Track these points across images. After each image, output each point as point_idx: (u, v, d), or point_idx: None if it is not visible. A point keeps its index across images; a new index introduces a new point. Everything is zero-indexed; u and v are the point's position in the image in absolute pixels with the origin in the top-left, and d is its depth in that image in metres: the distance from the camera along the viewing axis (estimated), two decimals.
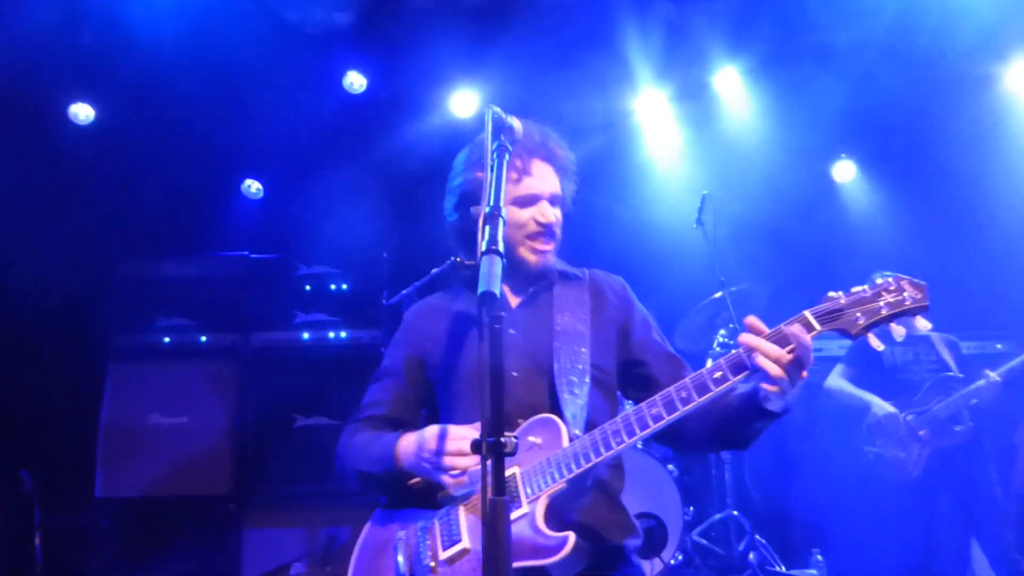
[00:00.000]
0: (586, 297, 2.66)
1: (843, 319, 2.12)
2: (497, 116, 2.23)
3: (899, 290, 2.11)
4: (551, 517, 2.23)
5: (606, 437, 2.22)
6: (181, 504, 5.33)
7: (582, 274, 2.75)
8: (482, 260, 1.86)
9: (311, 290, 5.69)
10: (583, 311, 2.61)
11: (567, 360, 2.47)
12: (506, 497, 1.74)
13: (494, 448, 1.74)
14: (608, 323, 2.64)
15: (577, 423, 2.35)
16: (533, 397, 2.44)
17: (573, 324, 2.56)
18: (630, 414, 2.24)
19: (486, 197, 2.04)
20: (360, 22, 6.14)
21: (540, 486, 2.24)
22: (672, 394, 2.20)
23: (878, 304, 2.11)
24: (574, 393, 2.42)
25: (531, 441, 2.31)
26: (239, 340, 5.63)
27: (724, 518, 5.74)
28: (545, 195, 2.59)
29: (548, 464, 2.25)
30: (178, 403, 5.47)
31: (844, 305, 2.13)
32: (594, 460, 2.21)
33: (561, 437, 2.29)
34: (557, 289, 2.67)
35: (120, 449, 5.36)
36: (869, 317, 2.10)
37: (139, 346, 5.60)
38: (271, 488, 5.39)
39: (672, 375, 2.54)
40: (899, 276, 2.14)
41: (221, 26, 5.68)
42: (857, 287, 2.15)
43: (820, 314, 2.13)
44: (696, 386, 2.17)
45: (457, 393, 2.55)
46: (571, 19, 5.99)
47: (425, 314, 2.78)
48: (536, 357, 2.50)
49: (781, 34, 6.17)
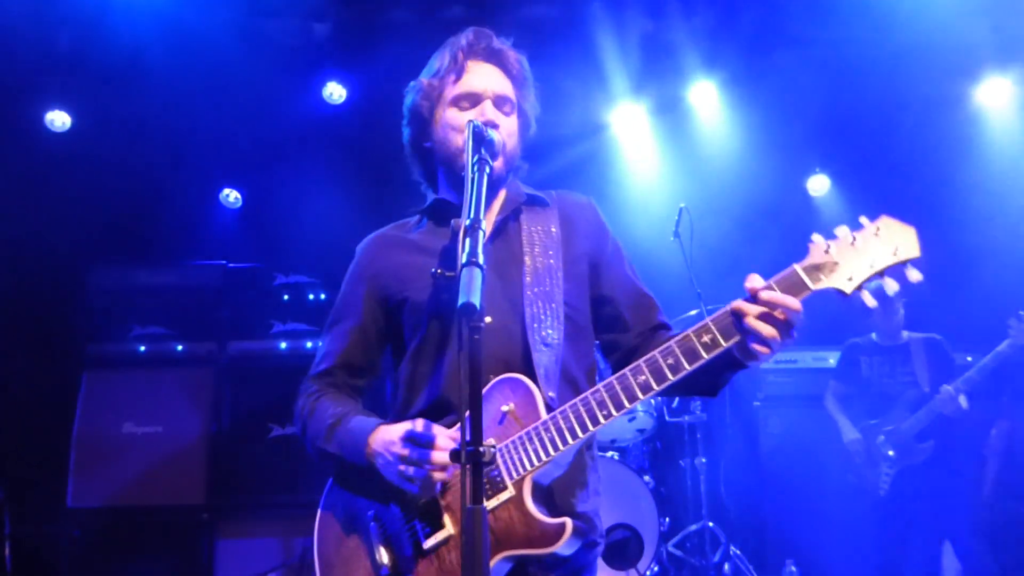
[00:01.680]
0: (555, 226, 2.46)
1: (834, 277, 2.00)
2: (478, 129, 2.18)
3: (887, 238, 1.99)
4: (538, 498, 2.12)
5: (591, 409, 2.08)
6: (154, 514, 5.29)
7: (549, 199, 2.54)
8: (462, 272, 1.79)
9: (289, 299, 5.68)
10: (553, 244, 2.41)
11: (540, 306, 2.29)
12: (483, 506, 1.70)
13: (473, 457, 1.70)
14: (580, 256, 2.44)
15: (551, 381, 2.20)
16: (505, 350, 2.25)
17: (544, 261, 2.37)
18: (614, 383, 2.08)
19: (466, 210, 1.95)
20: (339, 33, 6.17)
21: (524, 465, 2.09)
22: (659, 361, 2.06)
23: (867, 257, 1.99)
24: (549, 344, 2.25)
25: (503, 411, 2.15)
26: (215, 349, 5.60)
27: (699, 529, 5.76)
28: (488, 94, 2.41)
29: (530, 440, 2.10)
30: (152, 412, 5.43)
31: (831, 258, 2.00)
32: (581, 437, 2.08)
33: (536, 404, 2.14)
34: (524, 218, 2.46)
35: (93, 458, 5.32)
36: (860, 274, 1.98)
37: (114, 355, 5.56)
38: (245, 498, 5.37)
39: (643, 316, 2.45)
40: (887, 220, 2.02)
41: (200, 35, 5.68)
42: (841, 230, 2.02)
43: (810, 269, 2.01)
44: (685, 352, 2.04)
45: (425, 334, 2.36)
46: (549, 32, 6.05)
47: (381, 246, 2.55)
48: (510, 298, 2.30)
49: (756, 49, 6.26)
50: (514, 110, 2.48)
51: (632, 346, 2.44)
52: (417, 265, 2.41)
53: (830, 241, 2.03)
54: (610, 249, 2.51)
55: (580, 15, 6.04)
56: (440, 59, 2.50)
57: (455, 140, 2.40)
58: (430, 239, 2.47)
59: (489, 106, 2.40)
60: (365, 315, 2.48)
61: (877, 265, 1.98)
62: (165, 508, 5.30)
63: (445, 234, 2.44)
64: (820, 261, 2.01)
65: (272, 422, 5.42)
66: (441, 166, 2.51)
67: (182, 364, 5.59)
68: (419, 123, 2.52)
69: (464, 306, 1.72)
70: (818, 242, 2.04)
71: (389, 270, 2.47)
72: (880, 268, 1.98)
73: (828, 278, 2.00)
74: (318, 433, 2.36)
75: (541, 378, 2.18)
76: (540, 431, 2.10)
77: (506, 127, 2.41)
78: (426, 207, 2.56)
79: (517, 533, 2.07)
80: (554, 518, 2.08)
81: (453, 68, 2.44)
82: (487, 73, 2.45)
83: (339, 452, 2.30)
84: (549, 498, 2.20)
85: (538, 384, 2.18)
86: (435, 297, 2.35)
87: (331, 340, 2.52)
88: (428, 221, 2.54)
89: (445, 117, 2.44)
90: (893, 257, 1.98)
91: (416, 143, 2.55)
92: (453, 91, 2.43)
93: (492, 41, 2.49)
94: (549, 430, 2.10)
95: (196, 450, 5.39)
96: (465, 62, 2.45)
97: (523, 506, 2.08)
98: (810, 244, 2.04)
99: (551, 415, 2.12)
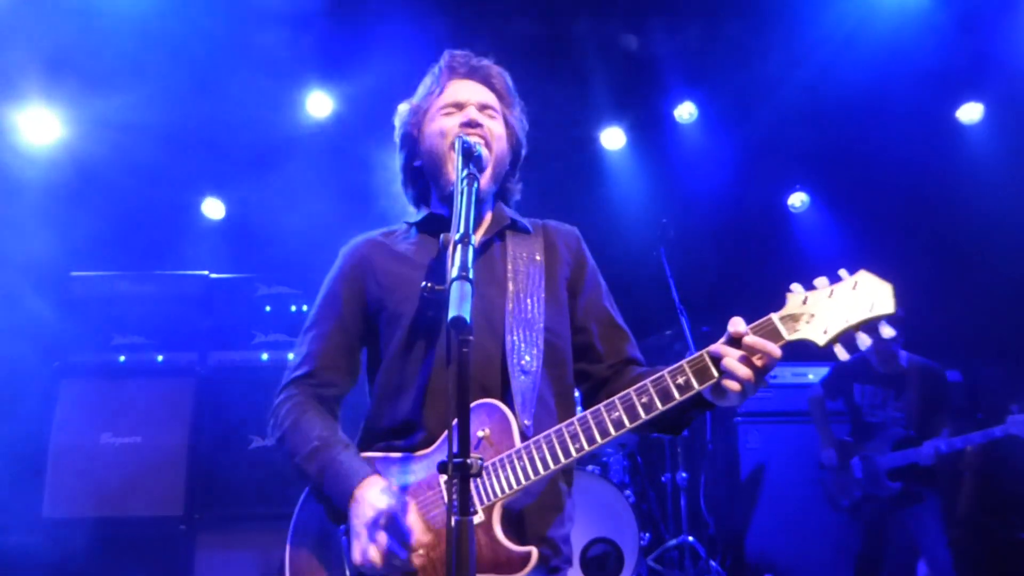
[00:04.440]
0: (539, 253, 2.47)
1: (809, 329, 2.02)
2: (466, 144, 2.19)
3: (864, 293, 2.00)
4: (507, 524, 2.14)
5: (564, 441, 2.10)
6: (131, 525, 5.21)
7: (535, 227, 2.56)
8: (452, 285, 1.78)
9: (271, 310, 5.66)
10: (537, 270, 2.42)
11: (520, 331, 2.30)
12: (471, 517, 1.71)
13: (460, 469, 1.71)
14: (560, 282, 2.47)
15: (527, 408, 2.21)
16: (483, 373, 2.26)
17: (527, 286, 2.38)
18: (588, 417, 2.11)
19: (455, 223, 1.94)
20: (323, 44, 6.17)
21: (495, 491, 2.10)
22: (634, 399, 2.08)
23: (843, 311, 2.00)
24: (527, 371, 2.26)
25: (479, 436, 2.16)
26: (196, 360, 5.56)
27: (679, 543, 5.79)
28: (471, 102, 2.45)
29: (503, 467, 2.11)
30: (131, 423, 5.37)
31: (808, 310, 2.03)
32: (552, 468, 2.10)
33: (512, 431, 2.16)
34: (509, 242, 2.47)
35: (70, 468, 5.25)
36: (835, 327, 2.00)
37: (93, 364, 5.50)
38: (225, 510, 5.30)
39: (615, 349, 2.47)
40: (865, 275, 2.03)
41: (185, 44, 5.67)
42: (820, 281, 2.04)
43: (787, 319, 2.04)
44: (659, 392, 2.06)
45: (404, 342, 2.34)
46: (533, 48, 6.10)
47: (367, 250, 2.53)
48: (490, 320, 2.31)
49: (738, 68, 6.34)
50: (499, 116, 2.51)
51: (603, 377, 2.47)
52: (401, 275, 2.42)
53: (808, 292, 2.06)
54: (589, 278, 2.54)
55: (564, 32, 6.09)
56: (423, 85, 2.56)
57: (441, 145, 2.42)
58: (417, 251, 2.48)
59: (473, 109, 2.44)
60: (346, 317, 2.47)
61: (852, 320, 2.00)
62: (143, 519, 5.22)
63: (433, 247, 2.45)
64: (797, 312, 2.05)
65: (252, 433, 5.38)
66: (431, 180, 2.53)
67: (162, 374, 5.53)
68: (409, 144, 2.56)
69: (455, 320, 1.72)
70: (797, 291, 2.07)
71: (372, 275, 2.47)
72: (855, 323, 2.00)
73: (803, 330, 2.03)
74: (298, 450, 2.33)
75: (517, 405, 2.21)
76: (513, 459, 2.12)
77: (493, 129, 2.44)
78: (417, 219, 2.56)
79: (484, 558, 2.09)
80: (521, 546, 2.11)
81: (436, 87, 2.49)
82: (470, 86, 2.50)
83: (318, 480, 2.27)
84: (519, 523, 2.21)
85: (514, 411, 2.19)
86: (420, 311, 2.34)
87: (311, 341, 2.49)
88: (418, 233, 2.54)
89: (431, 127, 2.48)
90: (869, 313, 1.99)
91: (408, 165, 2.59)
92: (438, 103, 2.47)
93: (472, 59, 2.54)
94: (522, 459, 2.11)
95: (175, 461, 5.34)
96: (447, 81, 2.50)
97: (491, 532, 2.10)
98: (788, 294, 2.07)
99: (525, 444, 2.14)
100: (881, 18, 5.90)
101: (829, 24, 5.96)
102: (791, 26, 6.04)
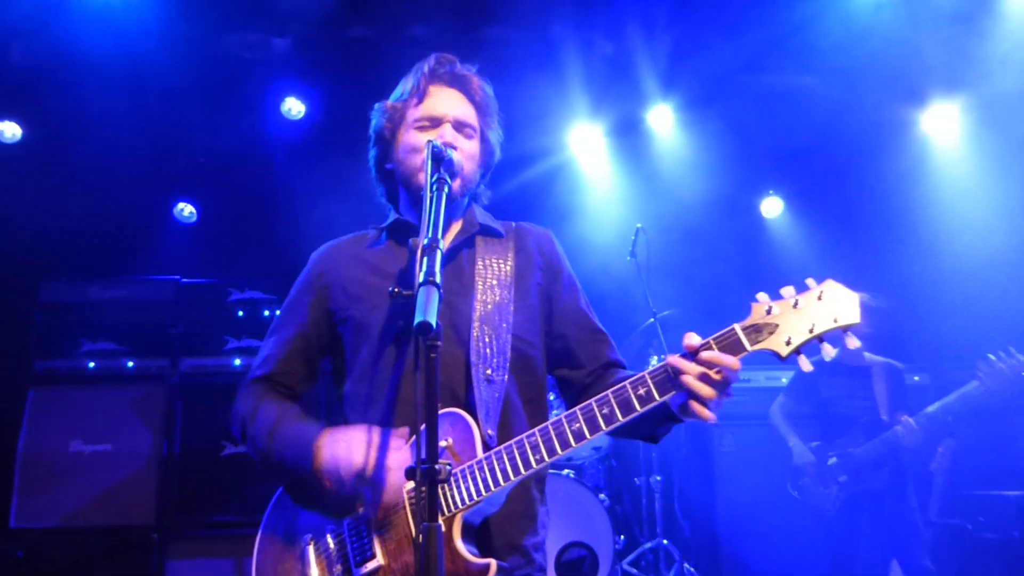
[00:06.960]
0: (510, 258, 2.45)
1: (772, 339, 2.01)
2: (436, 148, 2.18)
3: (830, 303, 2.00)
4: (466, 534, 2.13)
5: (524, 452, 2.09)
6: (102, 535, 5.16)
7: (507, 230, 2.54)
8: (419, 291, 1.79)
9: (244, 316, 5.62)
10: (506, 276, 2.40)
11: (487, 340, 2.29)
12: (439, 524, 1.72)
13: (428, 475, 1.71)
14: (533, 288, 2.44)
15: (491, 418, 2.20)
16: (448, 381, 2.25)
17: (495, 293, 2.36)
18: (549, 428, 2.10)
19: (424, 229, 1.94)
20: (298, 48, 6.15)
21: (456, 502, 2.09)
22: (595, 410, 2.08)
23: (806, 322, 2.00)
24: (492, 381, 2.24)
25: (442, 446, 2.13)
26: (168, 366, 5.51)
27: (654, 547, 5.80)
28: (448, 118, 2.42)
29: (464, 478, 2.10)
30: (102, 430, 5.31)
31: (772, 320, 2.02)
32: (512, 479, 2.08)
33: (474, 441, 2.14)
34: (479, 247, 2.46)
35: (39, 477, 5.18)
36: (798, 337, 2.00)
37: (63, 371, 5.43)
38: (197, 518, 5.26)
39: (595, 353, 2.46)
40: (832, 285, 2.03)
41: (157, 48, 5.62)
42: (787, 290, 2.04)
43: (750, 330, 2.03)
44: (620, 403, 2.06)
45: (373, 352, 2.34)
46: (510, 52, 6.10)
47: (335, 258, 2.54)
48: (456, 328, 2.31)
49: (713, 74, 6.37)
50: (476, 134, 2.49)
51: (584, 384, 2.46)
52: (368, 284, 2.42)
53: (774, 301, 2.05)
54: (564, 283, 2.53)
55: (542, 36, 6.09)
56: (404, 84, 2.53)
57: (414, 161, 2.41)
58: (386, 259, 2.47)
59: (448, 129, 2.41)
60: (309, 324, 2.49)
61: (816, 330, 2.00)
62: (114, 528, 5.17)
63: (402, 254, 2.45)
64: (760, 322, 2.04)
65: (225, 439, 5.34)
66: (402, 187, 2.53)
67: (133, 381, 5.47)
68: (382, 145, 2.54)
69: (421, 324, 1.73)
70: (762, 301, 2.06)
71: (339, 284, 2.47)
72: (819, 333, 2.01)
73: (766, 340, 2.03)
74: (261, 434, 2.36)
75: (481, 415, 2.20)
76: (475, 470, 2.11)
77: (466, 149, 2.42)
78: (387, 225, 2.55)
79: (444, 569, 2.09)
80: (488, 556, 2.10)
81: (416, 92, 2.46)
82: (449, 97, 2.47)
83: (279, 453, 2.30)
84: (487, 532, 2.21)
85: (478, 420, 2.18)
86: (389, 320, 2.34)
87: (273, 344, 2.52)
88: (387, 239, 2.53)
89: (405, 138, 2.46)
90: (833, 323, 2.00)
91: (379, 164, 2.57)
92: (415, 114, 2.45)
93: (455, 66, 2.51)
94: (483, 469, 2.10)
95: (146, 469, 5.28)
96: (428, 87, 2.47)
97: (451, 543, 2.09)
98: (753, 303, 2.07)
99: (486, 455, 2.13)
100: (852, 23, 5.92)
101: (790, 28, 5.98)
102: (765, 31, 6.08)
